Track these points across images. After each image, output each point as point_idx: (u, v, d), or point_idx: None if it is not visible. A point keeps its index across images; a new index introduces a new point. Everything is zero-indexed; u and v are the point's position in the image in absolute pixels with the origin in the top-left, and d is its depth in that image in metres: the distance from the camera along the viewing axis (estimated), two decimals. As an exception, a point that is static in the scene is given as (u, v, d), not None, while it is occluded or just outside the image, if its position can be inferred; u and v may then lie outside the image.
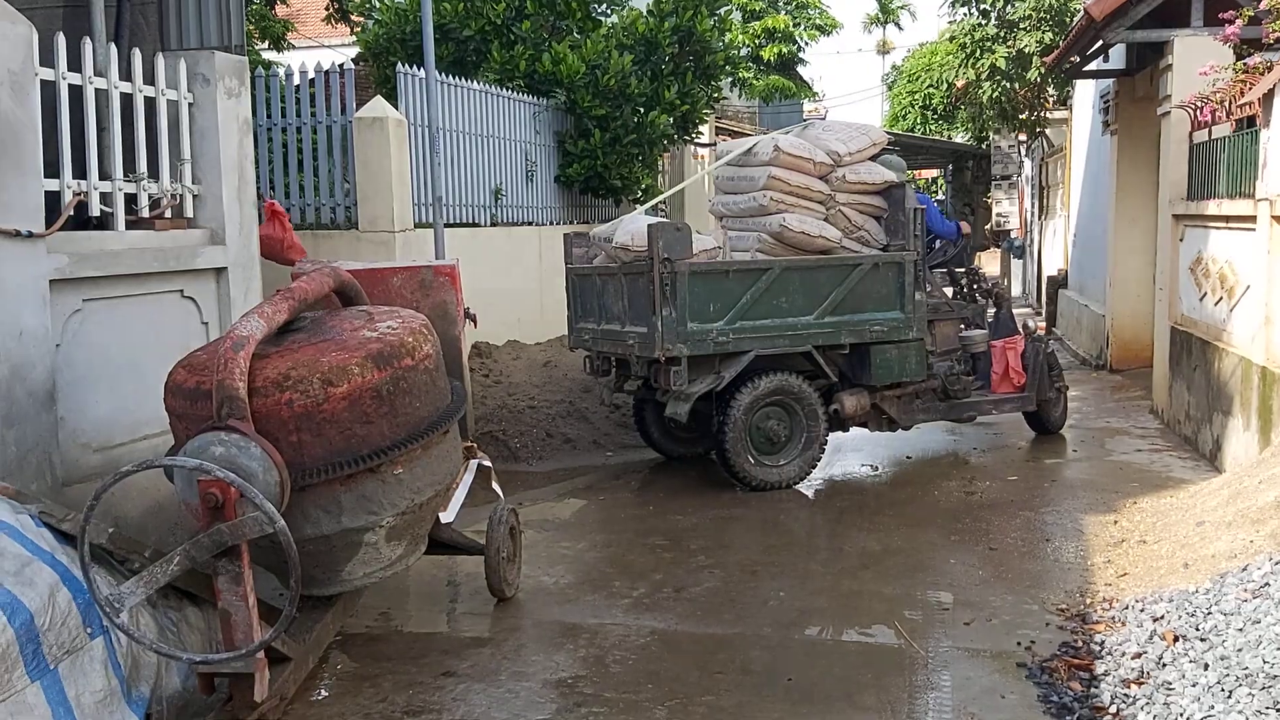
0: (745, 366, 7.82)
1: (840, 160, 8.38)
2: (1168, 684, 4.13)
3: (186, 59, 6.08)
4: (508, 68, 11.99)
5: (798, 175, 8.30)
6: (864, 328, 8.19)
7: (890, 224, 8.52)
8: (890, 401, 8.63)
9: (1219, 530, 5.77)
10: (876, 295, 8.23)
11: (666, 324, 7.55)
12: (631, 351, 7.96)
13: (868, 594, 5.78)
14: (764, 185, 8.29)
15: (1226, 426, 7.88)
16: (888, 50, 40.40)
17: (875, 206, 8.58)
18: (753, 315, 7.85)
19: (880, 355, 8.26)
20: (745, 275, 7.89)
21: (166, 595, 4.59)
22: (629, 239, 7.96)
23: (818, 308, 8.04)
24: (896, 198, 8.47)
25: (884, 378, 8.35)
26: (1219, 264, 8.31)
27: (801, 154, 8.29)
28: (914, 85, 27.30)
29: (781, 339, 7.96)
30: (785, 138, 8.55)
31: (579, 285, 8.81)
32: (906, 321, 8.30)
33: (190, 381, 4.42)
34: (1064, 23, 15.77)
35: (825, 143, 8.46)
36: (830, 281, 8.09)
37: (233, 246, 6.23)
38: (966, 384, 9.02)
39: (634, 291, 7.88)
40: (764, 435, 8.04)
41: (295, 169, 9.74)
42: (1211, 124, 8.67)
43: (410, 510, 4.71)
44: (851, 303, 8.14)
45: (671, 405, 7.84)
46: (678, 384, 7.66)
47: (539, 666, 4.92)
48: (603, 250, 8.54)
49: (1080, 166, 16.85)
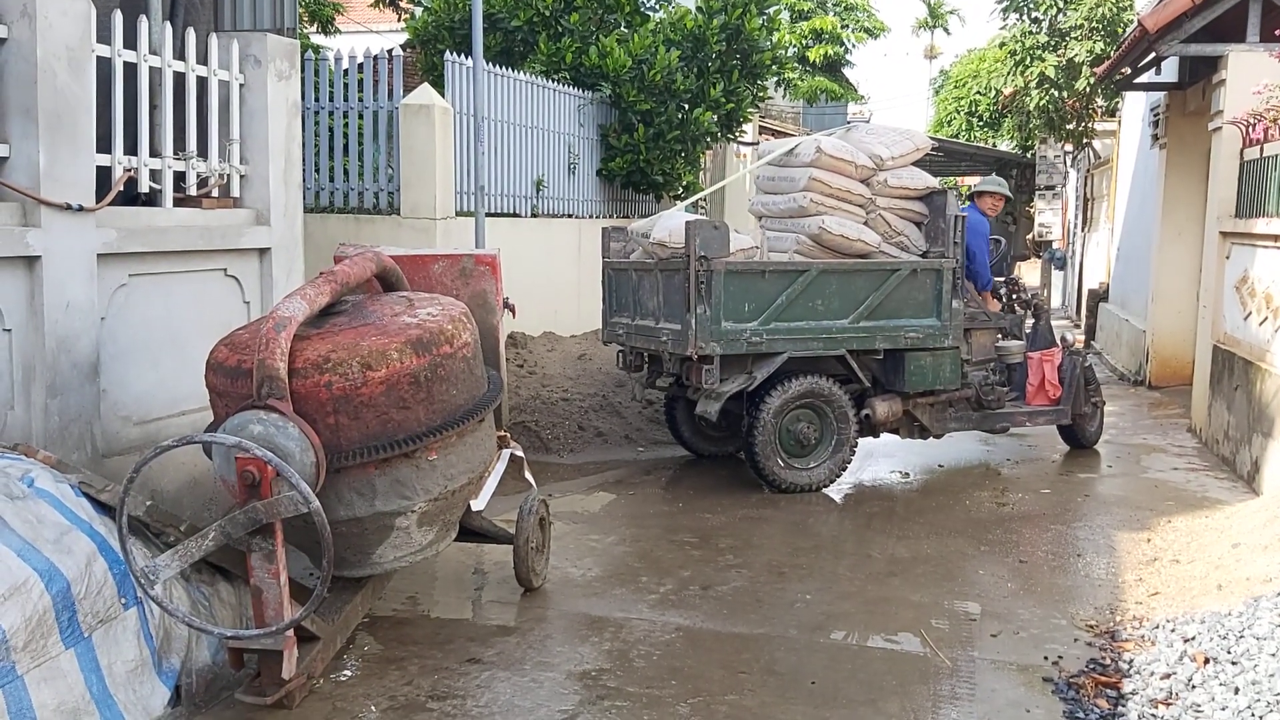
0: (778, 368, 7.80)
1: (882, 164, 8.32)
2: (1196, 706, 4.09)
3: (239, 40, 6.14)
4: (554, 59, 12.01)
5: (839, 178, 8.25)
6: (899, 333, 8.13)
7: (930, 230, 8.46)
8: (923, 409, 8.58)
9: (1255, 553, 5.70)
10: (914, 301, 8.19)
11: (700, 322, 7.52)
12: (665, 348, 7.94)
13: (895, 601, 5.76)
14: (804, 186, 8.25)
15: (1266, 449, 7.78)
16: (935, 55, 40.15)
17: (916, 212, 8.50)
18: (787, 317, 7.81)
19: (914, 362, 8.22)
20: (781, 276, 7.85)
21: (200, 570, 4.65)
22: (666, 235, 7.95)
23: (853, 311, 7.99)
24: (938, 204, 8.40)
25: (917, 384, 8.30)
26: (1265, 284, 8.20)
27: (844, 156, 8.24)
28: (960, 91, 27.10)
29: (815, 341, 7.92)
30: (828, 140, 8.50)
31: (614, 279, 8.81)
32: (943, 329, 8.25)
33: (231, 360, 4.46)
34: (1116, 33, 15.61)
35: (868, 146, 8.41)
36: (867, 286, 8.04)
37: (277, 227, 6.29)
38: (1001, 394, 8.93)
39: (669, 288, 7.87)
40: (794, 437, 8.01)
41: (340, 153, 9.82)
42: (1264, 141, 8.55)
43: (443, 496, 4.74)
44: (888, 308, 8.08)
45: (702, 403, 7.82)
46: (709, 382, 7.64)
47: (563, 657, 4.94)
48: (640, 245, 8.53)
49: (1127, 179, 16.66)
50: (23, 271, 4.75)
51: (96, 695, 3.97)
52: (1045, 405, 9.15)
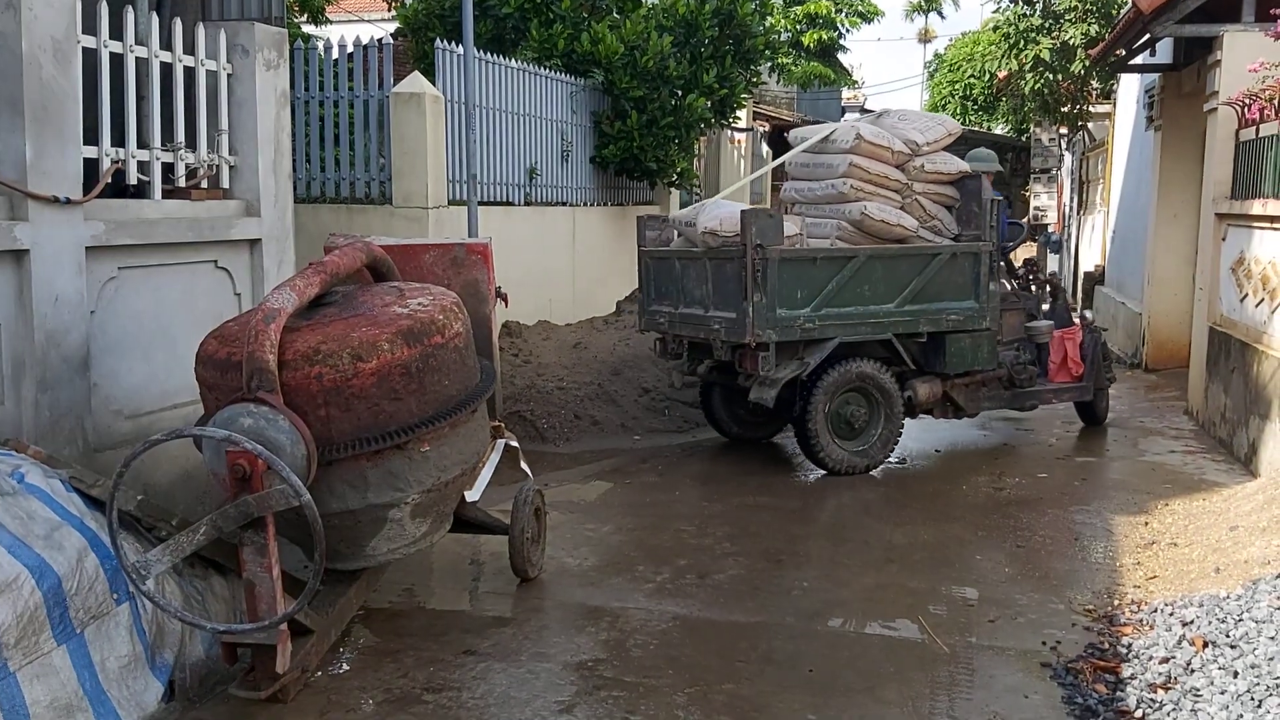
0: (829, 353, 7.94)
1: (918, 150, 8.44)
2: (1195, 690, 4.08)
3: (226, 30, 6.08)
4: (546, 46, 11.94)
5: (877, 164, 8.36)
6: (941, 316, 8.30)
7: (962, 214, 8.62)
8: (959, 389, 8.74)
9: (1253, 536, 5.69)
10: (953, 285, 8.35)
11: (757, 309, 7.60)
12: (717, 336, 7.97)
13: (892, 587, 5.74)
14: (844, 172, 8.34)
15: (1264, 430, 7.76)
16: (929, 39, 40.01)
17: (948, 196, 8.65)
18: (837, 302, 7.93)
19: (955, 344, 8.40)
20: (831, 263, 7.96)
21: (193, 564, 4.62)
22: (717, 224, 7.95)
23: (898, 296, 8.14)
24: (970, 189, 8.56)
25: (957, 366, 8.49)
26: (1262, 265, 8.17)
27: (881, 142, 8.35)
28: (955, 75, 27.06)
29: (864, 326, 8.06)
30: (866, 126, 8.61)
31: (654, 268, 8.81)
32: (980, 311, 8.43)
33: (221, 352, 4.43)
34: (1110, 15, 15.55)
35: (903, 132, 8.51)
36: (911, 270, 8.19)
37: (267, 218, 6.25)
38: (1032, 373, 9.15)
39: (720, 276, 7.91)
40: (844, 421, 8.17)
41: (331, 143, 9.76)
42: (1260, 122, 8.51)
43: (436, 488, 4.71)
44: (930, 292, 8.24)
45: (756, 390, 7.89)
46: (766, 369, 7.72)
47: (560, 648, 4.92)
48: (682, 233, 8.57)
49: (1122, 162, 16.62)
50: (10, 265, 4.71)
51: (89, 691, 3.95)
52: (1069, 382, 9.42)
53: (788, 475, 8.33)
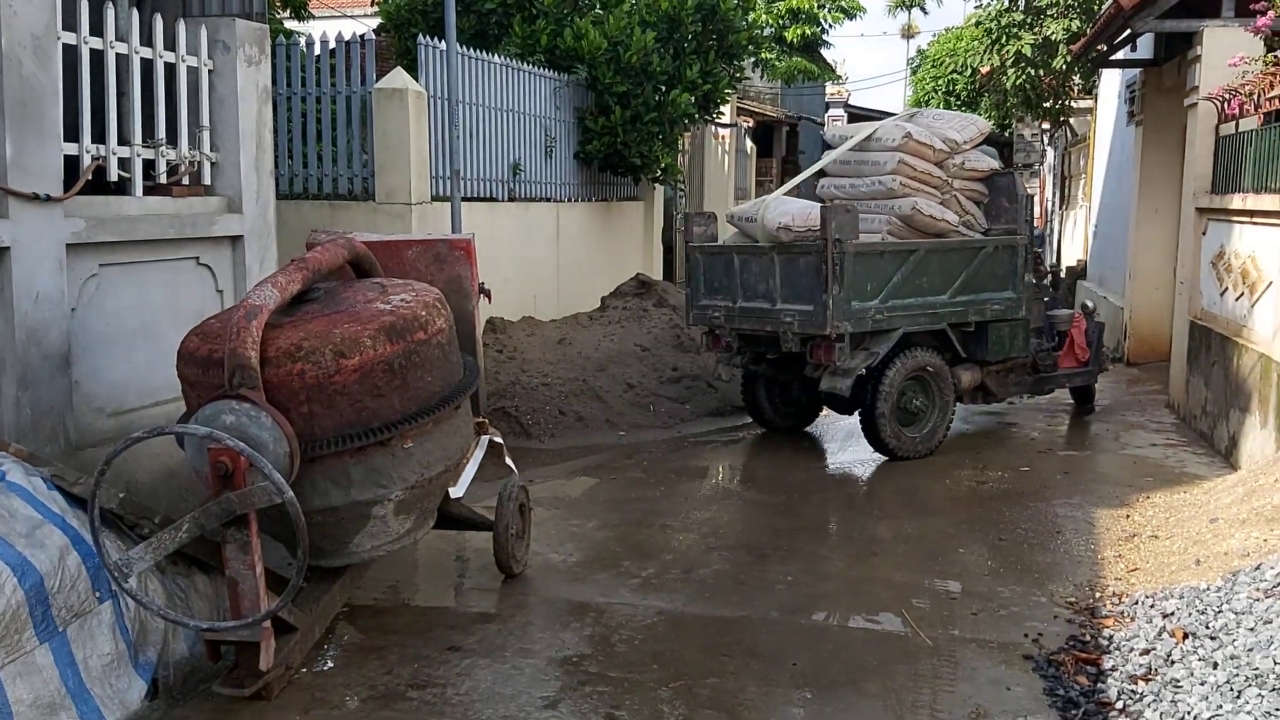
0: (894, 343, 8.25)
1: (957, 148, 8.88)
2: (1176, 681, 4.11)
3: (207, 25, 6.06)
4: (529, 42, 11.92)
5: (922, 161, 8.74)
6: (985, 306, 8.77)
7: (991, 209, 9.08)
8: (993, 376, 9.16)
9: (1232, 528, 5.73)
10: (995, 276, 8.81)
11: (836, 302, 7.85)
12: (789, 329, 8.15)
13: (876, 581, 5.77)
14: (893, 170, 8.68)
15: (1243, 423, 7.82)
16: (912, 34, 40.08)
17: (980, 192, 9.12)
18: (900, 294, 8.27)
19: (995, 332, 8.86)
20: (896, 256, 8.31)
21: (175, 562, 4.61)
22: (790, 219, 8.16)
23: (950, 287, 8.54)
24: (1000, 185, 9.06)
25: (998, 353, 8.94)
26: (1242, 259, 8.23)
27: (925, 140, 8.73)
28: (938, 70, 27.10)
29: (923, 317, 8.45)
30: (911, 125, 8.92)
31: (705, 263, 8.90)
32: (1018, 301, 8.92)
33: (203, 349, 4.41)
34: (1092, 10, 15.60)
35: (941, 131, 8.94)
36: (961, 263, 8.62)
37: (249, 215, 6.22)
38: (1055, 359, 9.62)
39: (792, 270, 8.12)
40: (905, 408, 8.48)
41: (314, 139, 9.72)
42: (1239, 116, 8.56)
43: (420, 484, 4.70)
44: (976, 283, 8.69)
45: (829, 380, 8.16)
46: (842, 360, 8.00)
47: (545, 644, 4.93)
48: (740, 229, 8.78)
49: (1103, 157, 16.70)
50: (-10, 263, 4.68)
51: (73, 689, 3.94)
52: (1077, 367, 9.91)
53: (773, 470, 8.35)
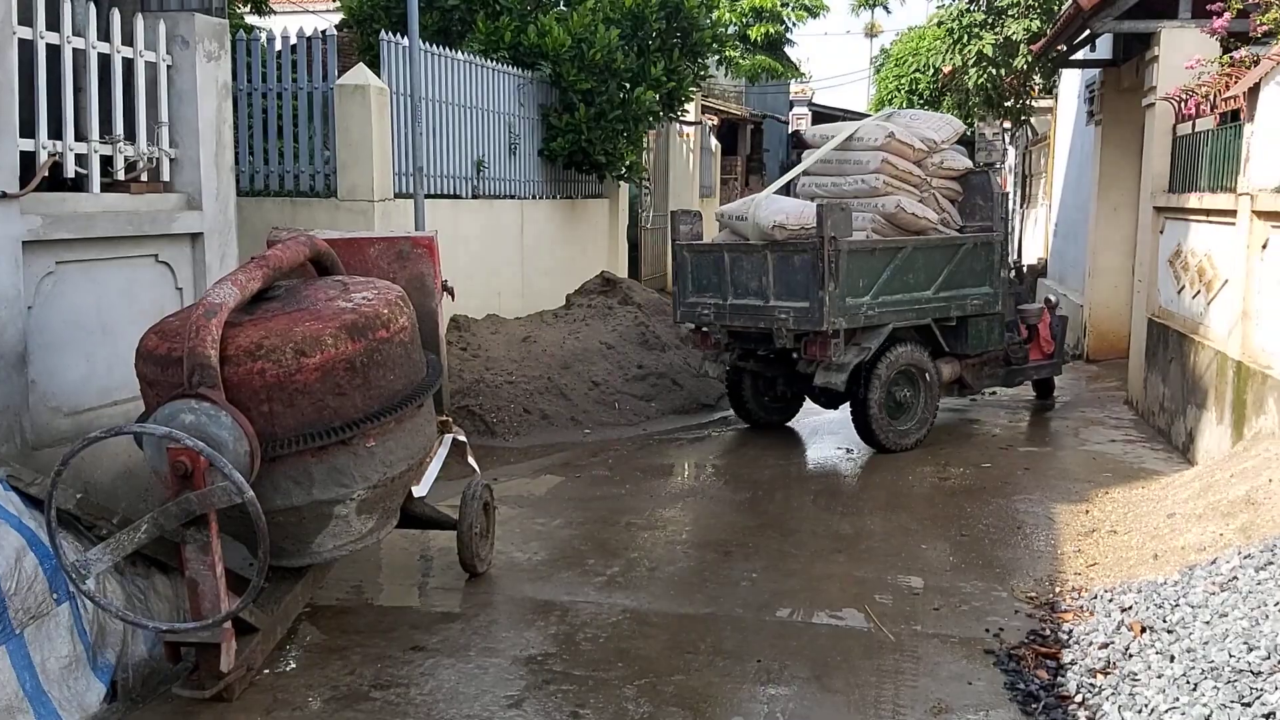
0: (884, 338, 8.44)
1: (935, 147, 9.09)
2: (1133, 675, 4.16)
3: (166, 20, 5.98)
4: (493, 39, 11.87)
5: (903, 161, 8.93)
6: (966, 301, 9.02)
7: (965, 207, 9.31)
8: (970, 369, 9.42)
9: (1189, 523, 5.81)
10: (974, 272, 9.05)
11: (832, 299, 8.00)
12: (783, 325, 8.26)
13: (839, 577, 5.80)
14: (876, 169, 8.85)
15: (1200, 420, 7.92)
16: (875, 33, 40.30)
17: (955, 191, 9.35)
18: (888, 290, 8.45)
19: (974, 327, 9.13)
20: (885, 253, 8.48)
21: (135, 563, 4.56)
22: (784, 218, 8.30)
23: (934, 283, 8.75)
24: (975, 183, 9.33)
25: (976, 347, 9.23)
26: (1198, 257, 8.34)
27: (908, 140, 8.90)
28: (901, 70, 27.21)
29: (910, 312, 8.65)
30: (892, 124, 9.09)
31: (693, 261, 8.96)
32: (995, 296, 9.18)
33: (162, 348, 4.37)
34: (1052, 11, 15.74)
35: (919, 131, 9.12)
36: (943, 260, 8.82)
37: (209, 212, 6.16)
38: (1026, 352, 9.99)
39: (787, 268, 8.24)
40: (895, 402, 8.65)
41: (275, 135, 9.63)
42: (1196, 117, 8.68)
43: (382, 484, 4.68)
44: (956, 279, 8.90)
45: (823, 375, 8.32)
46: (837, 355, 8.18)
47: (509, 643, 4.91)
48: (729, 227, 8.89)
49: (1063, 156, 16.86)
50: (-57, 260, 4.61)
51: (30, 692, 3.88)
52: (1043, 360, 10.25)
53: (738, 467, 8.38)
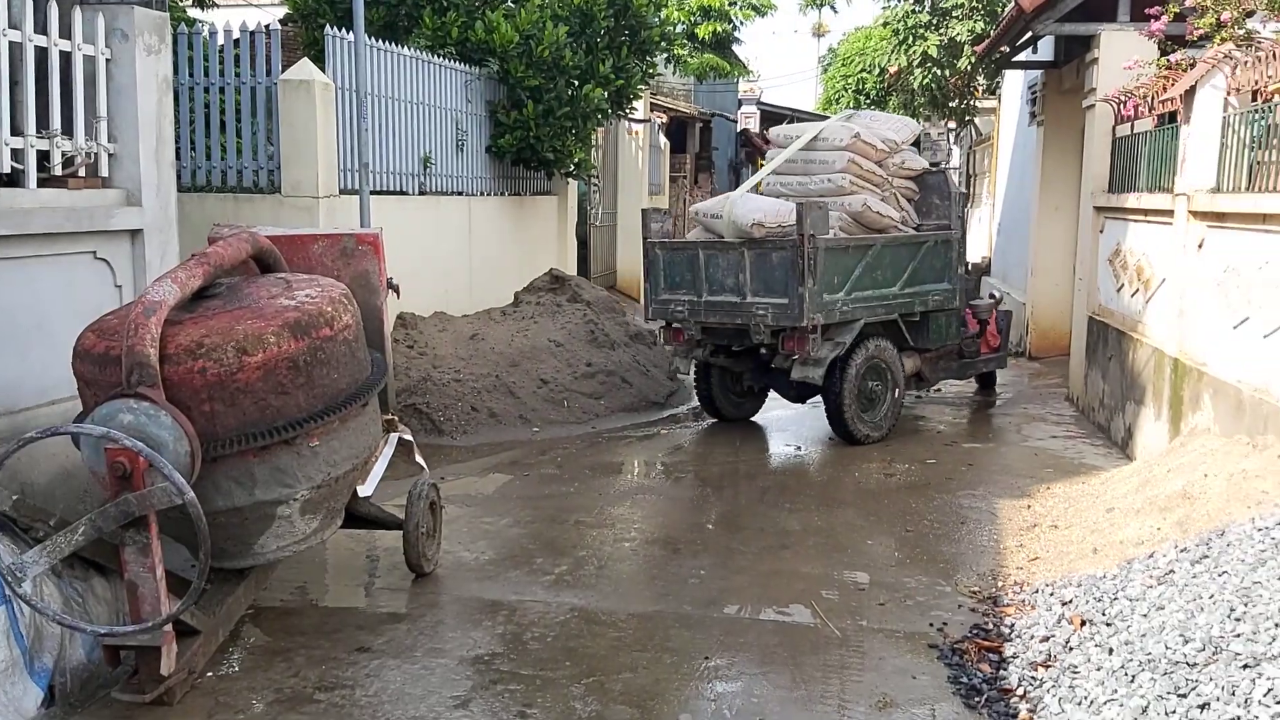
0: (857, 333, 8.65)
1: (896, 148, 9.32)
2: (1073, 667, 4.22)
3: (105, 13, 5.87)
4: (440, 34, 11.78)
5: (867, 161, 9.14)
6: (928, 297, 9.30)
7: (921, 206, 9.58)
8: (928, 363, 9.71)
9: (1128, 517, 5.91)
10: (934, 269, 9.31)
11: (811, 295, 8.20)
12: (761, 321, 8.44)
13: (787, 573, 5.83)
14: (843, 168, 9.05)
15: (1139, 415, 8.07)
16: (823, 33, 40.63)
17: (912, 190, 9.62)
18: (860, 287, 8.67)
19: (935, 321, 9.43)
20: (857, 251, 8.70)
21: (73, 565, 4.48)
22: (762, 216, 8.47)
23: (899, 280, 9.00)
24: (931, 183, 9.62)
25: (936, 341, 9.54)
26: (1137, 256, 8.49)
27: (871, 140, 9.11)
28: (848, 69, 27.39)
29: (880, 308, 8.90)
30: (857, 125, 9.29)
31: (667, 258, 9.05)
32: (953, 292, 9.50)
33: (100, 346, 4.29)
34: (995, 12, 15.97)
35: (880, 131, 9.35)
36: (908, 257, 9.09)
37: (149, 208, 6.05)
38: (978, 346, 10.35)
39: (764, 265, 8.42)
40: (865, 395, 8.89)
41: (217, 130, 9.49)
42: (1134, 118, 8.83)
43: (326, 483, 4.63)
44: (919, 275, 9.17)
45: (800, 369, 8.49)
46: (815, 350, 8.36)
47: (456, 643, 4.89)
48: (704, 225, 9.01)
49: (1007, 156, 17.09)
50: None
51: (-38, 700, 3.80)
52: (990, 353, 10.61)
53: (687, 464, 8.40)
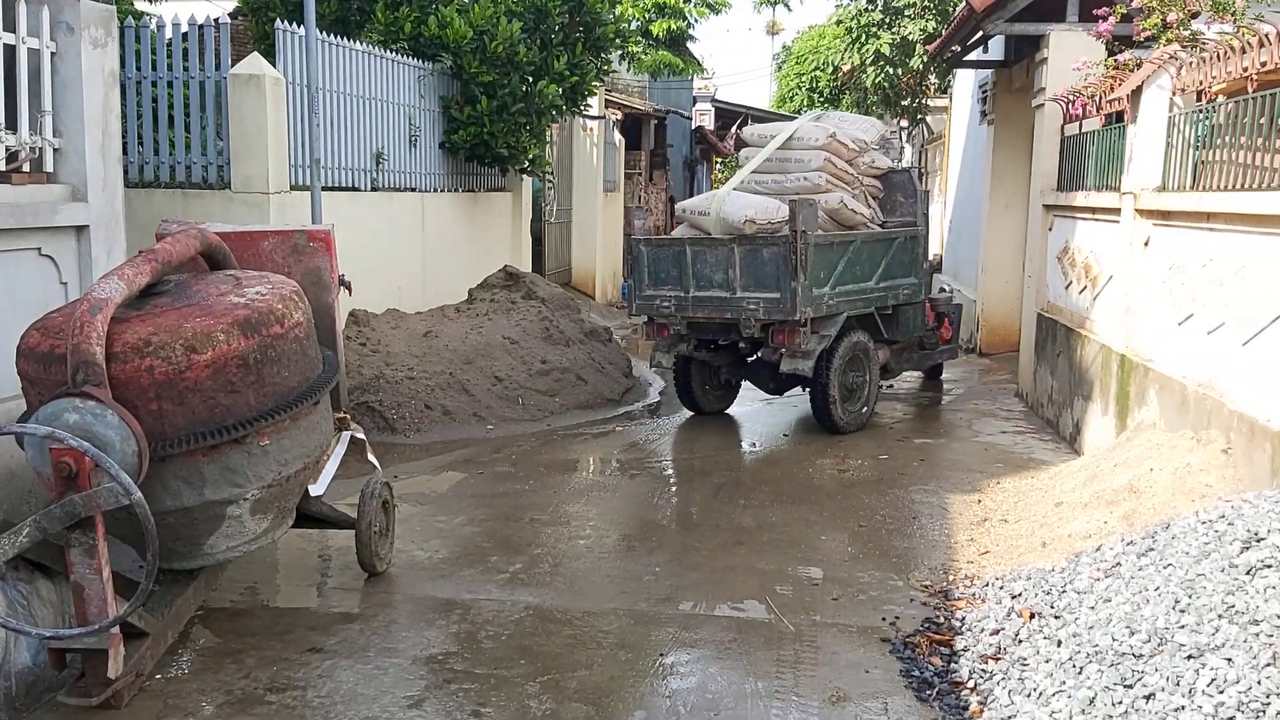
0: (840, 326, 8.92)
1: (865, 147, 9.59)
2: (1023, 660, 4.28)
3: (50, 6, 5.76)
4: (392, 29, 11.69)
5: (840, 160, 9.37)
6: (899, 291, 9.67)
7: (886, 204, 9.93)
8: (894, 354, 10.05)
9: (1076, 511, 6.00)
10: (903, 264, 9.66)
11: (803, 289, 8.43)
12: (752, 315, 8.62)
13: (741, 569, 5.86)
14: (819, 167, 9.26)
15: (1086, 411, 8.18)
16: (777, 31, 40.82)
17: (878, 188, 9.94)
18: (842, 281, 8.94)
19: (904, 314, 9.83)
20: (841, 246, 8.98)
21: (17, 567, 4.40)
22: (753, 213, 8.63)
23: (874, 275, 9.31)
24: (896, 182, 9.97)
25: (905, 334, 9.95)
26: (1085, 254, 8.61)
27: (844, 140, 9.35)
28: (801, 67, 27.59)
29: (860, 301, 9.21)
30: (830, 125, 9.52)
31: (652, 255, 9.16)
32: (919, 286, 9.90)
33: (44, 345, 4.22)
34: (947, 12, 16.11)
35: (849, 131, 9.61)
36: (882, 252, 9.42)
37: (95, 204, 5.95)
38: (937, 338, 10.83)
39: (755, 261, 8.63)
40: (846, 386, 9.15)
41: (165, 125, 9.36)
42: (1082, 118, 8.95)
43: (277, 483, 4.59)
44: (890, 270, 9.50)
45: (789, 362, 8.75)
46: (804, 343, 8.60)
47: (409, 643, 4.86)
48: (689, 222, 9.20)
49: (958, 154, 17.25)
50: None
51: (-99, 706, 3.72)
52: (944, 346, 11.12)
53: (642, 461, 8.40)
